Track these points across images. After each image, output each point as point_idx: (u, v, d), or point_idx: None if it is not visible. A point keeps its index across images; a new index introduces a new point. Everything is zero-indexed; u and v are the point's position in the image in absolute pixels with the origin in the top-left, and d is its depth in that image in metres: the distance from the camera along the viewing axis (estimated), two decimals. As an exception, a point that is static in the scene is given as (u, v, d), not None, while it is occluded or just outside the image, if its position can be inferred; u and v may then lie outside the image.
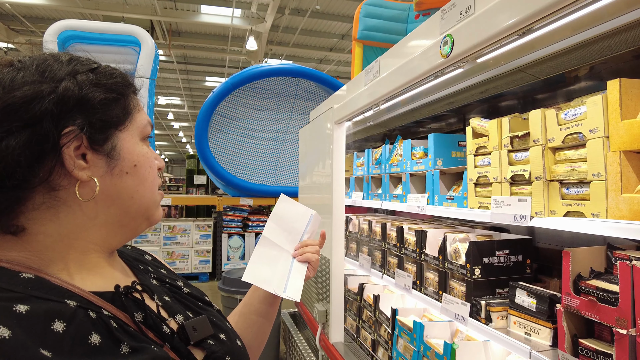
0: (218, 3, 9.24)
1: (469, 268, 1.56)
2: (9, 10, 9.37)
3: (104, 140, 0.59)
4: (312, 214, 1.05)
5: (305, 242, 0.99)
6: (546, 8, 1.01)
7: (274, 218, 0.99)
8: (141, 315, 0.58)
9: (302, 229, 1.00)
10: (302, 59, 12.74)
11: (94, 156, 0.58)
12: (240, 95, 4.12)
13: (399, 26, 3.17)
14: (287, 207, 1.01)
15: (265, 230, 0.97)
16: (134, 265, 0.72)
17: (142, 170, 0.63)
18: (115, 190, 0.60)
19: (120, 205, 0.61)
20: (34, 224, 0.55)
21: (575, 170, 1.19)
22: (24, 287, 0.50)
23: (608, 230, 1.03)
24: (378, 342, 2.18)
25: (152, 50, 3.73)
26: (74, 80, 0.56)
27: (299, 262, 0.94)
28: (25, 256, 0.54)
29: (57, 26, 3.55)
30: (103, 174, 0.59)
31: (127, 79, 0.66)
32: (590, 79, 1.58)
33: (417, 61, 1.64)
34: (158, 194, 0.68)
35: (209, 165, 4.06)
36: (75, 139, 0.55)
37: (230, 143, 4.14)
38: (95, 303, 0.54)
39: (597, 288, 1.07)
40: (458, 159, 1.96)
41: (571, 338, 1.14)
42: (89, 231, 0.59)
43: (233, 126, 4.12)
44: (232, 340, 0.70)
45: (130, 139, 0.62)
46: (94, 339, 0.50)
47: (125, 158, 0.61)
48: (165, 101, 17.52)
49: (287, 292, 0.85)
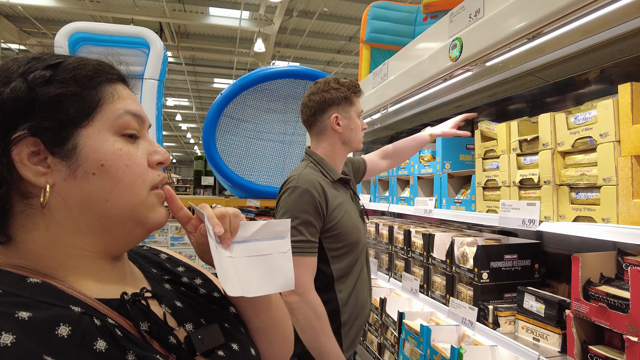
0: (226, 5, 9.30)
1: (477, 272, 1.55)
2: (21, 13, 9.50)
3: (61, 141, 0.53)
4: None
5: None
6: (557, 12, 1.00)
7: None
8: (147, 325, 0.56)
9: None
10: (310, 61, 12.76)
11: (54, 159, 0.53)
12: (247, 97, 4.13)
13: (407, 28, 3.16)
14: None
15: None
16: (147, 269, 0.70)
17: (113, 169, 0.55)
18: (84, 194, 0.54)
19: (97, 210, 0.55)
20: (20, 232, 0.54)
21: (585, 174, 1.18)
22: (30, 291, 0.49)
23: (619, 236, 1.01)
24: (384, 346, 2.18)
25: (160, 52, 3.76)
26: (23, 80, 0.53)
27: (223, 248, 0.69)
28: (28, 263, 0.53)
29: (67, 28, 3.59)
30: (66, 177, 0.54)
31: (98, 68, 0.59)
32: (601, 82, 1.56)
33: (425, 64, 1.63)
34: (151, 194, 0.60)
35: (216, 167, 4.08)
36: (25, 144, 0.52)
37: (238, 145, 4.15)
38: (100, 311, 0.53)
39: (607, 294, 1.06)
40: (466, 162, 1.95)
41: (581, 344, 1.13)
42: (76, 238, 0.56)
43: (240, 128, 4.14)
44: (246, 350, 0.67)
45: (97, 135, 0.55)
46: (99, 345, 0.48)
47: (89, 157, 0.54)
48: (174, 102, 17.63)
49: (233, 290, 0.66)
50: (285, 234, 0.73)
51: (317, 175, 1.45)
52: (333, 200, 1.43)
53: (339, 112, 1.52)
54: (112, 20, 9.14)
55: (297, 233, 1.35)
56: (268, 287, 0.68)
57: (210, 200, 5.08)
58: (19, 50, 11.13)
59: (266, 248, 0.71)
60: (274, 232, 0.71)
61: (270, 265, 0.70)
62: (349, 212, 1.48)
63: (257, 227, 0.71)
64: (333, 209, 1.41)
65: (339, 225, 1.41)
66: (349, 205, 1.51)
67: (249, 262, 0.69)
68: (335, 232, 1.41)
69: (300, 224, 1.35)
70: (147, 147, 0.61)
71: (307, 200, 1.36)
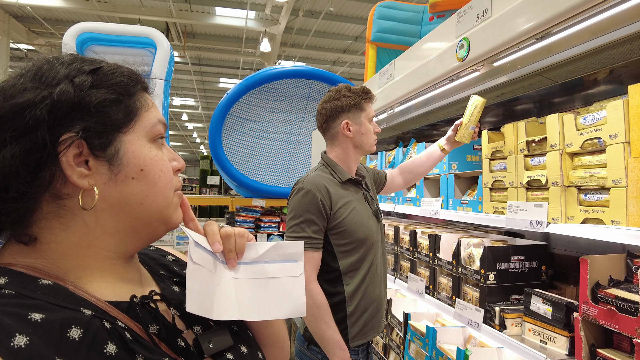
0: (232, 5, 9.31)
1: (483, 273, 1.54)
2: (30, 13, 9.59)
3: (105, 145, 0.55)
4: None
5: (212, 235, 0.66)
6: (566, 12, 0.99)
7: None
8: (156, 328, 0.57)
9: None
10: (316, 61, 12.76)
11: (96, 162, 0.55)
12: (253, 97, 4.13)
13: (413, 28, 3.15)
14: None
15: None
16: (155, 271, 0.70)
17: (151, 174, 0.58)
18: (122, 197, 0.56)
19: (130, 213, 0.58)
20: (45, 233, 0.54)
21: (594, 176, 1.17)
22: (42, 293, 0.49)
23: (629, 238, 1.00)
24: (390, 347, 2.17)
25: (167, 52, 3.77)
26: (70, 83, 0.53)
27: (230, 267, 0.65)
28: (42, 263, 0.53)
29: (75, 29, 3.62)
30: (107, 181, 0.55)
31: (134, 77, 0.61)
32: (610, 82, 1.54)
33: (432, 64, 1.62)
34: (175, 195, 0.63)
35: (222, 166, 4.09)
36: (74, 146, 0.53)
37: (244, 144, 4.16)
38: (110, 313, 0.53)
39: (616, 297, 1.05)
40: (473, 162, 1.94)
41: (589, 348, 1.12)
42: (101, 239, 0.57)
43: (246, 127, 4.14)
44: (254, 354, 0.66)
45: (136, 141, 0.58)
46: (110, 348, 0.49)
47: (130, 162, 0.57)
48: (180, 102, 17.70)
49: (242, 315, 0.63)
50: (299, 256, 0.69)
51: (324, 177, 1.56)
52: (338, 199, 1.52)
53: (350, 118, 1.61)
54: (119, 20, 9.19)
55: (300, 230, 1.48)
56: (273, 311, 0.64)
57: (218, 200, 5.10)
58: (27, 50, 11.23)
59: (275, 271, 0.67)
60: (285, 254, 0.67)
61: (279, 289, 0.66)
62: (357, 210, 1.56)
63: (267, 248, 0.67)
64: (338, 207, 1.51)
65: (344, 222, 1.51)
66: (359, 204, 1.59)
67: (254, 285, 0.65)
68: (341, 229, 1.51)
69: (303, 222, 1.48)
70: (169, 154, 0.64)
71: (310, 201, 1.48)
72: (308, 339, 1.55)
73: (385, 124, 2.53)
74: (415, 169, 1.90)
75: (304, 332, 1.58)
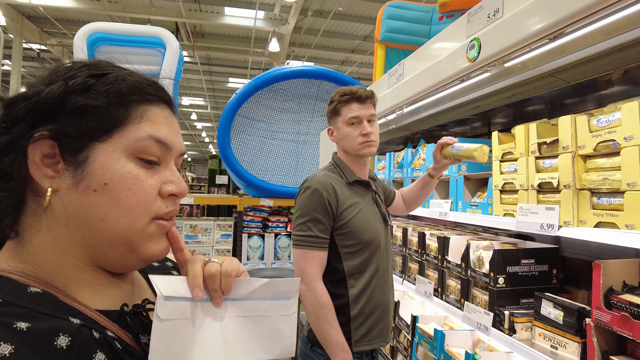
0: (241, 5, 9.35)
1: (493, 277, 1.52)
2: (42, 13, 9.72)
3: (76, 150, 0.53)
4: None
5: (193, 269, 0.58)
6: (579, 11, 0.97)
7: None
8: (147, 337, 0.55)
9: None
10: (324, 61, 12.75)
11: (64, 166, 0.53)
12: (262, 97, 4.14)
13: (422, 28, 3.12)
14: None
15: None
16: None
17: (115, 191, 0.53)
18: (83, 208, 0.53)
19: (92, 227, 0.53)
20: (26, 231, 0.54)
21: (607, 179, 1.15)
22: (30, 301, 0.49)
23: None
24: (397, 349, 2.16)
25: (176, 52, 3.79)
26: (63, 84, 0.53)
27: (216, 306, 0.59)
28: (31, 269, 0.53)
29: (86, 29, 3.65)
30: (69, 187, 0.53)
31: (137, 86, 0.57)
32: (624, 83, 1.52)
33: (442, 65, 1.61)
34: (153, 224, 0.56)
35: (230, 166, 4.10)
36: (44, 145, 0.52)
37: (252, 144, 4.16)
38: (100, 323, 0.52)
39: (630, 303, 1.02)
40: (483, 164, 1.92)
41: (601, 354, 1.10)
42: (71, 248, 0.54)
43: (255, 127, 4.15)
44: None
45: (110, 152, 0.54)
46: (99, 357, 0.48)
47: (95, 174, 0.53)
48: (189, 102, 17.82)
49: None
50: (292, 294, 0.63)
51: (332, 177, 1.55)
52: (345, 200, 1.51)
53: (331, 124, 1.66)
54: (129, 20, 9.28)
55: (307, 229, 1.47)
56: (260, 353, 0.60)
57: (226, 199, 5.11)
58: (39, 50, 11.37)
59: (266, 309, 0.61)
60: (278, 292, 0.62)
61: (268, 328, 0.61)
62: (364, 212, 1.54)
63: (258, 285, 0.61)
64: (345, 208, 1.50)
65: (350, 223, 1.49)
66: (367, 206, 1.57)
67: (240, 323, 0.60)
68: (347, 230, 1.49)
69: (310, 221, 1.47)
70: (165, 176, 0.58)
71: (317, 200, 1.47)
72: (311, 340, 1.54)
73: (394, 125, 2.52)
74: (410, 192, 1.89)
75: (308, 334, 1.56)
